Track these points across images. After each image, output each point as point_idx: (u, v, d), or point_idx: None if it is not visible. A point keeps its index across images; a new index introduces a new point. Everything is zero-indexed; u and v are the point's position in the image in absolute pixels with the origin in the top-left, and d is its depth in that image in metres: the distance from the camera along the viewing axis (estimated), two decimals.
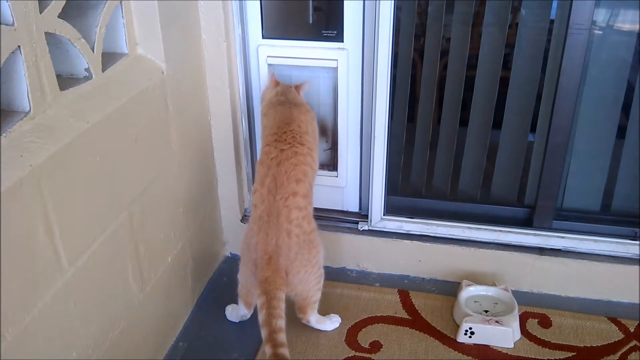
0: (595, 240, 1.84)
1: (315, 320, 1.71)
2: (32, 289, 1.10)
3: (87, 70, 1.32)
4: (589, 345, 1.69)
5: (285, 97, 1.70)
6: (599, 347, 1.68)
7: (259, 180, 1.56)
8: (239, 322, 1.77)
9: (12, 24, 1.08)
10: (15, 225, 1.04)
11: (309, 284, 1.61)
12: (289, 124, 1.61)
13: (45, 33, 1.17)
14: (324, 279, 1.67)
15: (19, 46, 1.09)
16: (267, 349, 1.42)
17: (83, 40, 1.29)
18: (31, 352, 1.12)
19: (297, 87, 1.74)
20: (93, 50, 1.33)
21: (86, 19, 1.34)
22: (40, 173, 1.09)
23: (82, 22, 1.32)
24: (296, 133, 1.59)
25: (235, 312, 1.76)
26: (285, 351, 1.41)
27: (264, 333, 1.44)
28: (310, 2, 1.76)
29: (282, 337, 1.43)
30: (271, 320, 1.45)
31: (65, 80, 1.29)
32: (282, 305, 1.49)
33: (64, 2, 1.21)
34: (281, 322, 1.45)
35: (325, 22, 1.77)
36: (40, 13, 1.15)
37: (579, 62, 1.70)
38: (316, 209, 1.99)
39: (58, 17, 1.20)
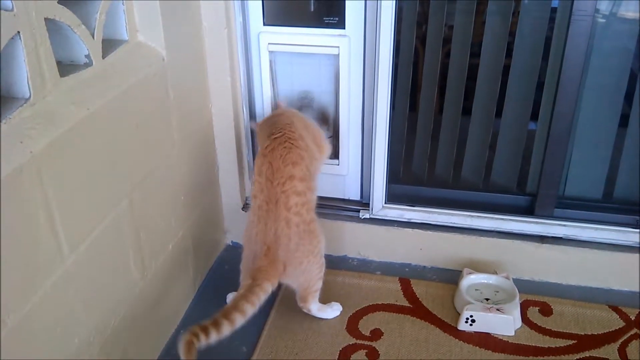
0: (597, 229, 1.84)
1: (316, 308, 1.71)
2: (32, 276, 1.11)
3: (87, 56, 1.31)
4: (589, 333, 1.69)
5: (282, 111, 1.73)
6: (600, 335, 1.69)
7: (256, 170, 1.57)
8: None
9: (12, 10, 1.07)
10: (16, 212, 1.04)
11: (311, 274, 1.61)
12: (282, 127, 1.61)
13: (45, 19, 1.16)
14: (325, 267, 1.67)
15: (18, 32, 1.09)
16: (214, 316, 1.36)
17: (83, 26, 1.28)
18: (32, 338, 1.12)
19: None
20: (93, 37, 1.32)
21: (86, 6, 1.33)
22: (41, 159, 1.09)
23: (82, 9, 1.31)
24: (288, 130, 1.60)
25: None
26: (224, 323, 1.34)
27: (225, 307, 1.39)
28: None
29: (237, 316, 1.37)
30: (241, 299, 1.41)
31: (66, 67, 1.28)
32: (262, 296, 1.45)
33: None
34: (248, 307, 1.40)
35: (327, 9, 1.76)
36: None
37: (582, 49, 1.68)
38: (318, 197, 2.00)
39: (58, 3, 1.20)
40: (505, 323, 1.68)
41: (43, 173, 1.10)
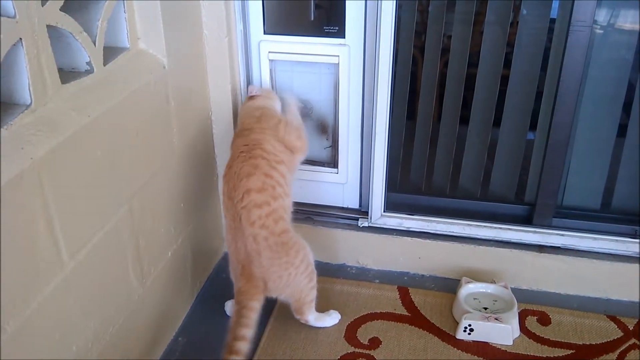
0: (595, 238, 1.84)
1: (313, 318, 1.70)
2: (32, 282, 1.10)
3: (88, 64, 1.32)
4: (587, 343, 1.69)
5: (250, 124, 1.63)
6: (598, 345, 1.69)
7: (222, 192, 1.57)
8: None
9: (14, 17, 1.07)
10: (16, 218, 1.04)
11: (299, 285, 1.60)
12: (240, 147, 1.58)
13: (47, 26, 1.16)
14: (323, 275, 1.67)
15: (20, 39, 1.09)
16: (223, 355, 1.39)
17: (85, 33, 1.29)
18: (31, 345, 1.12)
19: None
20: (95, 44, 1.33)
21: (88, 13, 1.34)
22: (41, 166, 1.09)
23: (84, 16, 1.32)
24: (249, 147, 1.56)
25: None
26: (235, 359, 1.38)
27: (226, 339, 1.41)
28: None
29: (240, 345, 1.39)
30: (236, 328, 1.42)
31: (67, 74, 1.28)
32: (253, 315, 1.46)
33: None
34: (246, 331, 1.42)
35: (327, 18, 1.77)
36: (42, 6, 1.15)
37: (581, 59, 1.69)
38: (316, 205, 2.02)
39: (60, 10, 1.20)
40: (504, 332, 1.68)
41: (43, 179, 1.10)
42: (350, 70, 1.81)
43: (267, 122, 1.62)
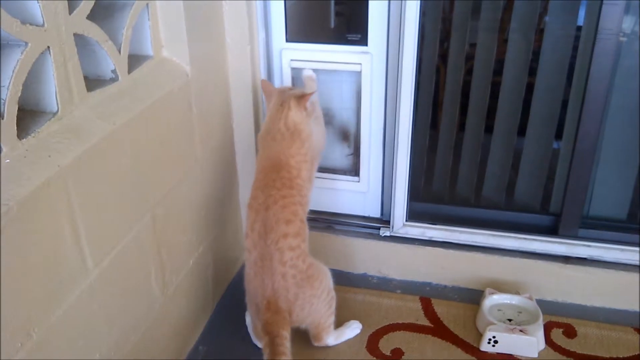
0: (622, 250, 1.81)
1: (333, 339, 1.69)
2: (57, 289, 1.10)
3: (113, 72, 1.32)
4: (614, 356, 1.65)
5: (278, 126, 1.57)
6: (625, 358, 1.65)
7: (249, 224, 1.54)
8: None
9: (42, 25, 1.08)
10: (42, 225, 1.05)
11: (319, 313, 1.60)
12: (278, 171, 1.53)
13: (74, 34, 1.17)
14: (344, 285, 1.65)
15: (48, 47, 1.10)
16: None
17: (110, 42, 1.29)
18: (56, 351, 1.11)
19: (300, 99, 1.57)
20: (120, 52, 1.33)
21: (113, 21, 1.34)
22: (68, 173, 1.09)
23: (109, 24, 1.33)
24: (286, 180, 1.53)
25: None
26: None
27: None
28: (332, 6, 1.76)
29: None
30: (274, 357, 1.42)
31: (92, 82, 1.29)
32: (287, 343, 1.46)
33: (93, 3, 1.22)
34: (285, 358, 1.42)
35: (350, 26, 1.77)
36: (70, 14, 1.15)
37: (608, 68, 1.67)
38: (337, 214, 2.01)
39: (86, 18, 1.21)
40: (529, 344, 1.65)
41: (70, 187, 1.10)
42: (373, 78, 1.81)
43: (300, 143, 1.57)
